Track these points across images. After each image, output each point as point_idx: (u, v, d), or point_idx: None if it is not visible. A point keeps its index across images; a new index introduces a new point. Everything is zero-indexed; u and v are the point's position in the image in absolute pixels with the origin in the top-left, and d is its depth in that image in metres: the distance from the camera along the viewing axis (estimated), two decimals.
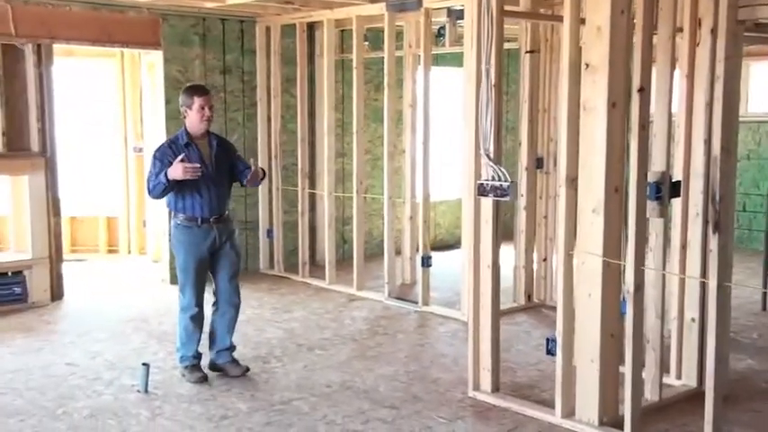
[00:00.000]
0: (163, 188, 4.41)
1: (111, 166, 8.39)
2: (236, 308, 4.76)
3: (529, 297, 6.26)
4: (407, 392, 4.39)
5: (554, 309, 6.03)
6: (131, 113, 8.26)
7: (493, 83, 4.05)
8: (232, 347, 4.77)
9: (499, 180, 4.06)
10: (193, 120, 4.50)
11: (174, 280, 7.05)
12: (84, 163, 8.38)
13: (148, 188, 4.50)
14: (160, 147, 4.63)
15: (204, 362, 4.74)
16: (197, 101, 4.46)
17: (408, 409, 4.14)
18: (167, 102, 7.00)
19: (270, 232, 7.58)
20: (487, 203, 4.16)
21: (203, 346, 4.75)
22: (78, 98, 8.19)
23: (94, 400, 4.29)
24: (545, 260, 6.29)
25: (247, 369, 4.70)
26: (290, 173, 7.57)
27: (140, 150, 8.14)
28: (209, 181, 4.48)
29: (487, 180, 4.10)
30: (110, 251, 8.44)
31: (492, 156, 4.09)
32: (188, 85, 5.15)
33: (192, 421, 4.03)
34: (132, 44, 6.96)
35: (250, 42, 7.44)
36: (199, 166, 4.38)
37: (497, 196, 4.08)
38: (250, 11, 7.19)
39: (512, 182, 4.05)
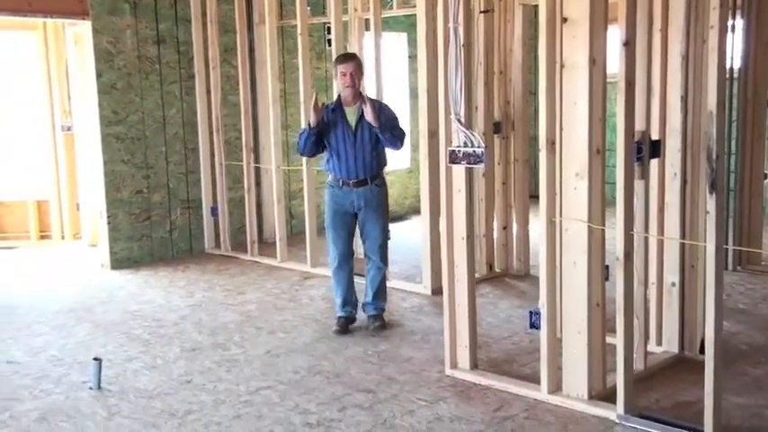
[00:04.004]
0: (305, 137, 4.75)
1: (37, 147, 7.84)
2: (378, 269, 4.92)
3: (490, 267, 6.09)
4: (381, 374, 4.16)
5: (518, 278, 5.98)
6: (57, 89, 7.72)
7: (462, 43, 3.80)
8: (376, 303, 4.93)
9: (472, 146, 3.83)
10: (339, 86, 4.79)
11: (115, 265, 6.70)
12: (9, 144, 7.81)
13: (298, 144, 4.89)
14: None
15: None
16: (339, 68, 4.72)
17: (385, 393, 3.91)
18: (99, 75, 6.55)
19: (214, 210, 7.21)
20: (460, 171, 3.92)
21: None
22: None
23: (43, 401, 3.92)
24: (505, 228, 6.12)
25: (382, 327, 4.85)
26: (234, 147, 7.20)
27: (69, 129, 7.64)
28: (348, 145, 4.71)
29: (459, 146, 3.87)
30: (41, 237, 7.91)
31: (463, 120, 3.85)
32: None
33: (154, 419, 3.71)
34: (56, 14, 6.45)
35: (184, 11, 7.00)
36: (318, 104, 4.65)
37: (471, 163, 3.84)
38: None
39: (486, 147, 3.83)
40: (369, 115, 4.60)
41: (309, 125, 4.73)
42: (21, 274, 6.63)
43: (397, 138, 4.76)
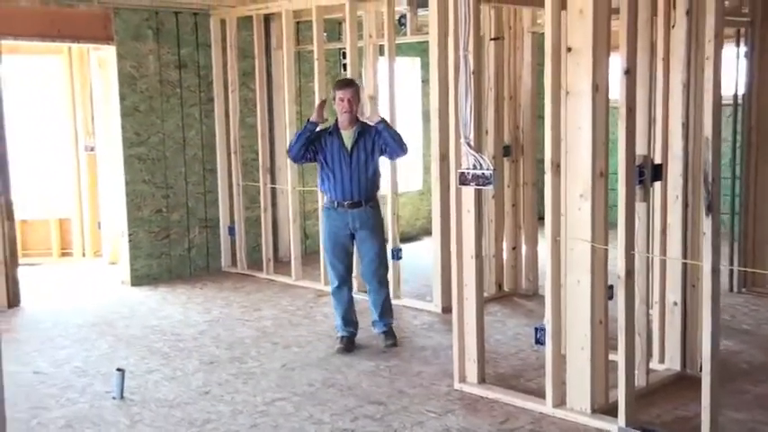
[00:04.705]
0: (300, 133, 4.97)
1: (60, 167, 8.09)
2: (378, 293, 5.03)
3: (500, 287, 6.24)
4: (392, 387, 4.32)
5: (526, 297, 6.12)
6: (81, 111, 7.97)
7: (472, 69, 3.99)
8: (384, 320, 5.05)
9: (481, 168, 4.00)
10: (336, 111, 4.95)
11: (135, 282, 6.90)
12: (33, 163, 8.05)
13: (290, 144, 5.13)
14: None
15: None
16: (337, 93, 4.90)
17: (396, 405, 4.07)
18: (122, 98, 6.79)
19: (231, 229, 7.41)
20: (469, 193, 4.09)
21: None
22: (24, 97, 7.85)
23: (69, 409, 4.10)
24: (514, 249, 6.27)
25: (394, 344, 4.98)
26: (251, 168, 7.41)
27: (92, 149, 7.88)
28: (344, 167, 4.87)
29: (468, 168, 4.04)
30: (63, 254, 8.13)
31: (473, 144, 4.03)
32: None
33: (174, 427, 3.88)
34: (83, 39, 6.72)
35: (205, 36, 7.24)
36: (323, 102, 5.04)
37: (479, 185, 4.02)
38: (205, 3, 7.01)
39: (494, 169, 4.00)
40: (373, 115, 4.90)
41: (309, 119, 4.93)
42: (44, 290, 6.83)
43: (399, 141, 4.91)
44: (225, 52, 7.24)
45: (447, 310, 5.55)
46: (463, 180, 4.07)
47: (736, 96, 5.94)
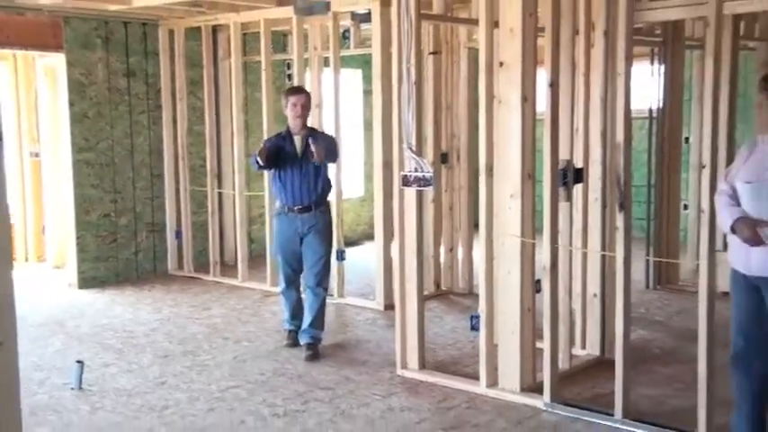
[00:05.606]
0: (254, 162, 5.03)
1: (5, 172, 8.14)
2: (316, 294, 5.08)
3: (437, 285, 6.63)
4: (339, 375, 4.64)
5: (462, 295, 6.53)
6: (26, 118, 8.08)
7: (413, 81, 4.37)
8: (312, 332, 5.05)
9: (422, 171, 4.38)
10: (288, 116, 5.06)
11: (82, 285, 7.05)
12: None
13: (252, 164, 5.20)
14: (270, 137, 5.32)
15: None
16: (290, 99, 5.02)
17: (343, 389, 4.40)
18: (71, 105, 6.95)
19: (178, 233, 7.62)
20: (411, 193, 4.47)
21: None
22: None
23: (30, 399, 4.29)
24: (451, 251, 6.68)
25: (314, 356, 4.94)
26: (198, 174, 7.65)
27: (37, 155, 7.99)
28: (295, 172, 4.99)
29: (411, 171, 4.41)
30: None
31: (414, 148, 4.40)
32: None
33: (135, 413, 4.13)
34: (32, 47, 6.85)
35: (153, 45, 7.46)
36: (263, 147, 5.01)
37: (421, 186, 4.39)
38: (154, 14, 7.23)
39: (434, 171, 4.38)
40: (317, 156, 4.86)
41: (258, 161, 4.94)
42: None
43: (332, 160, 5.15)
44: (173, 61, 7.47)
45: (389, 307, 5.92)
46: (406, 182, 4.44)
47: (651, 110, 6.47)
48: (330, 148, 5.10)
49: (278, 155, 5.01)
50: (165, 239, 7.64)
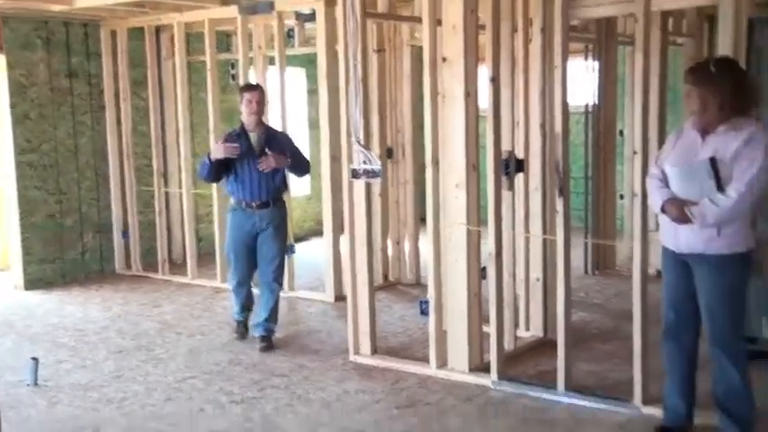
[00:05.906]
0: (207, 167, 4.98)
1: None
2: (272, 291, 5.12)
3: (386, 277, 6.80)
4: (294, 363, 4.77)
5: (410, 286, 6.72)
6: None
7: (360, 77, 4.53)
8: (266, 325, 5.11)
9: (370, 164, 4.54)
10: (243, 112, 5.07)
11: (28, 286, 7.01)
12: None
13: (200, 173, 5.13)
14: (222, 136, 5.23)
15: None
16: (245, 95, 5.04)
17: (298, 376, 4.53)
18: (12, 106, 6.90)
19: (125, 233, 7.63)
20: (360, 187, 4.62)
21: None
22: None
23: None
24: (398, 243, 6.85)
25: (269, 347, 5.03)
26: (144, 174, 7.66)
27: None
28: (252, 169, 4.97)
29: (360, 165, 4.57)
30: None
31: (362, 142, 4.56)
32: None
33: (93, 405, 4.19)
34: None
35: (95, 45, 7.45)
36: (236, 145, 4.91)
37: (369, 178, 4.56)
38: (95, 14, 7.22)
39: (381, 164, 4.55)
40: (275, 164, 4.93)
41: (209, 158, 4.94)
42: None
43: (303, 167, 5.23)
44: (116, 62, 7.47)
45: (339, 298, 6.08)
46: (355, 175, 4.60)
47: (587, 105, 6.76)
48: (297, 163, 5.13)
49: (227, 166, 4.99)
50: (111, 239, 7.64)
